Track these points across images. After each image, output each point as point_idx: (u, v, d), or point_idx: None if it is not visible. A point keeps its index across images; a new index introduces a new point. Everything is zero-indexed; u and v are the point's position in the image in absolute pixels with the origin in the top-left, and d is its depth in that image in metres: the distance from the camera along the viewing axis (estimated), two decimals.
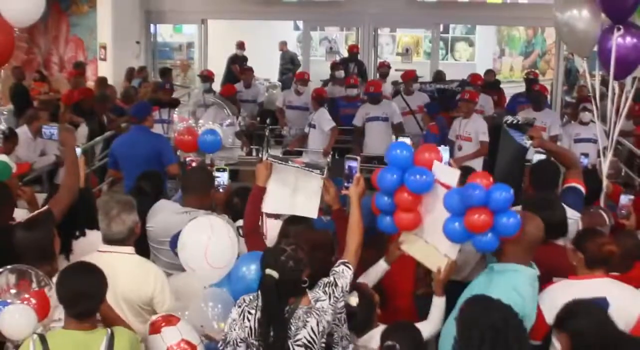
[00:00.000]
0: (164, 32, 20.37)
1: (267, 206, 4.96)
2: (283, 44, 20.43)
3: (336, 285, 4.29)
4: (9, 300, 4.07)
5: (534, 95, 11.48)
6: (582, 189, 5.61)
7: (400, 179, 4.57)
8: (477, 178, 4.47)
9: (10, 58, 6.07)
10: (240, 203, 5.94)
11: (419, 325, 4.64)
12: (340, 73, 14.17)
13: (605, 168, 6.25)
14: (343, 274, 4.36)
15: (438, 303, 4.77)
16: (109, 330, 3.99)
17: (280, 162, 4.90)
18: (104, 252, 4.81)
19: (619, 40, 5.95)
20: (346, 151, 9.94)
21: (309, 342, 4.13)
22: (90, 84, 15.38)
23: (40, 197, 6.28)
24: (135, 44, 17.36)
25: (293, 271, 4.11)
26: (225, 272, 4.77)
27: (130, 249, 4.84)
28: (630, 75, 6.23)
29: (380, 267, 4.96)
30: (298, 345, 4.13)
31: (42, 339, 3.90)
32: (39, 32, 17.55)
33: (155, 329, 4.33)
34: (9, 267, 4.23)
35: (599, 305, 3.96)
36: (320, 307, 4.19)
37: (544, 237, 4.55)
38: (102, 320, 4.15)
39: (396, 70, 15.68)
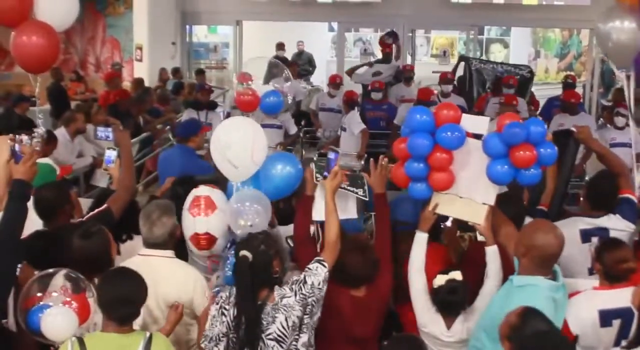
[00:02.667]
0: (199, 33, 20.45)
1: (318, 214, 4.98)
2: (301, 43, 19.72)
3: (305, 282, 4.41)
4: (51, 303, 4.12)
5: (566, 105, 11.35)
6: (635, 199, 5.51)
7: (431, 141, 4.64)
8: (508, 119, 4.64)
9: (56, 61, 6.13)
10: (286, 207, 5.95)
11: (485, 284, 4.78)
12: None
13: (637, 179, 6.14)
14: (316, 271, 4.47)
15: (492, 252, 4.79)
16: (147, 333, 4.05)
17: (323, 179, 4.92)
18: (145, 255, 4.85)
19: None
20: (377, 155, 9.92)
21: (279, 336, 4.28)
22: (126, 84, 15.48)
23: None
24: (170, 45, 17.46)
25: (264, 254, 4.30)
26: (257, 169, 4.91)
27: (171, 253, 4.87)
28: None
29: (421, 239, 4.92)
30: (270, 339, 4.27)
31: (80, 341, 3.96)
32: (75, 32, 17.73)
33: (194, 210, 4.77)
34: (51, 270, 4.28)
35: (542, 315, 3.87)
36: (286, 303, 4.32)
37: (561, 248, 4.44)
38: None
39: (433, 72, 15.69)
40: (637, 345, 3.94)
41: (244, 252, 4.28)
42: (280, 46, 17.55)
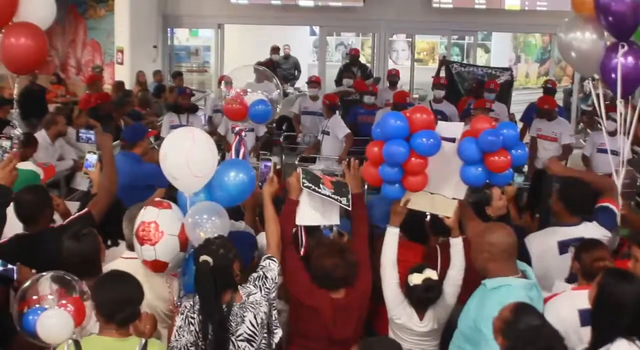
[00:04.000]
0: (180, 36, 20.39)
1: (301, 219, 5.01)
2: (287, 47, 19.56)
3: (266, 277, 4.53)
4: (46, 306, 4.11)
5: (541, 111, 11.42)
6: (615, 209, 5.60)
7: (407, 147, 4.66)
8: (481, 123, 4.74)
9: (43, 62, 6.16)
10: None
11: (449, 272, 4.89)
12: (349, 82, 14.25)
13: (619, 184, 6.17)
14: (270, 266, 4.60)
15: (456, 243, 4.93)
16: (142, 339, 4.05)
17: (310, 185, 4.95)
18: (128, 258, 4.86)
19: (623, 57, 5.89)
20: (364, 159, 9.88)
21: (250, 335, 4.33)
22: (107, 87, 15.42)
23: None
24: (151, 48, 17.40)
25: (224, 257, 4.31)
26: (205, 181, 4.83)
27: None
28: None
29: (393, 234, 4.99)
30: (240, 341, 4.32)
31: (77, 344, 3.98)
32: (56, 35, 17.63)
33: (141, 237, 4.59)
34: (45, 273, 4.27)
35: (534, 309, 3.93)
36: (253, 301, 4.39)
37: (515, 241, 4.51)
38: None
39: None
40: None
41: (204, 257, 4.29)
42: (275, 50, 17.34)
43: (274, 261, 4.64)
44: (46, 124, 9.83)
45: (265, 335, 4.44)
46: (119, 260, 4.90)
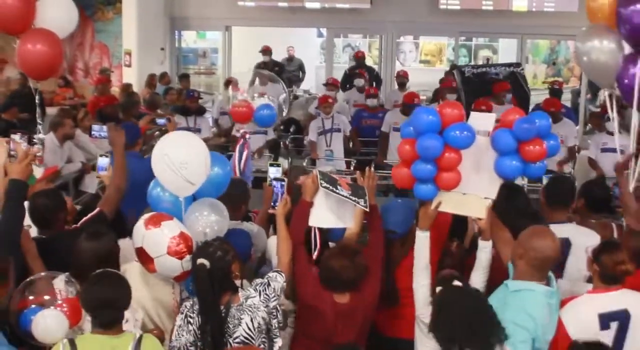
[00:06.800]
0: (188, 38, 20.39)
1: (314, 220, 5.00)
2: (291, 48, 19.30)
3: (269, 285, 4.51)
4: (43, 306, 4.14)
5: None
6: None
7: (441, 141, 4.60)
8: (512, 114, 4.74)
9: (59, 69, 6.29)
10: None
11: (472, 277, 4.82)
12: (360, 81, 14.22)
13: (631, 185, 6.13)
14: (276, 279, 4.58)
15: (485, 246, 4.84)
16: (137, 334, 4.08)
17: (328, 186, 4.94)
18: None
19: None
20: (368, 162, 9.86)
21: (246, 338, 4.35)
22: (115, 90, 15.43)
23: None
24: (159, 50, 17.43)
25: (221, 259, 4.36)
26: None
27: None
28: None
29: (424, 238, 4.86)
30: (237, 343, 4.33)
31: (72, 343, 3.99)
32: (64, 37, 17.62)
33: (154, 223, 4.52)
34: (43, 274, 4.29)
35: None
36: (251, 304, 4.41)
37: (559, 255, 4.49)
38: None
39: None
40: None
41: (201, 260, 4.32)
42: (265, 51, 17.01)
43: (282, 275, 4.63)
44: (53, 126, 9.83)
45: (264, 340, 4.44)
46: (133, 262, 4.84)
